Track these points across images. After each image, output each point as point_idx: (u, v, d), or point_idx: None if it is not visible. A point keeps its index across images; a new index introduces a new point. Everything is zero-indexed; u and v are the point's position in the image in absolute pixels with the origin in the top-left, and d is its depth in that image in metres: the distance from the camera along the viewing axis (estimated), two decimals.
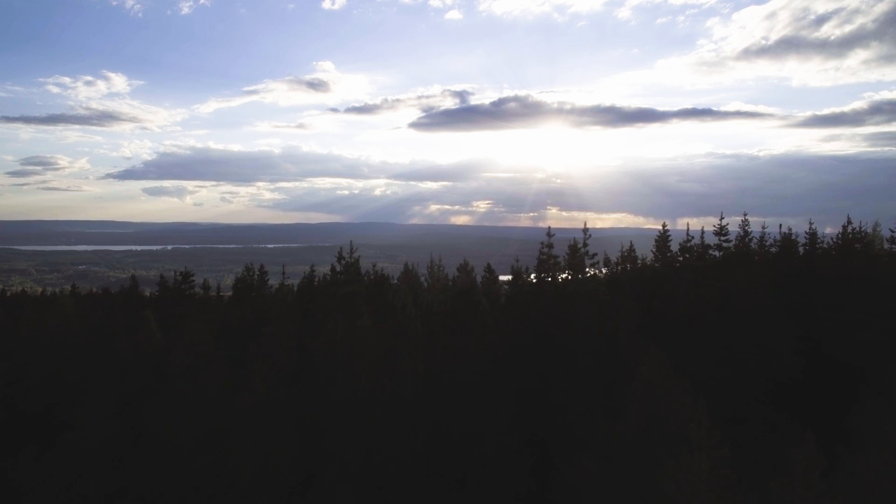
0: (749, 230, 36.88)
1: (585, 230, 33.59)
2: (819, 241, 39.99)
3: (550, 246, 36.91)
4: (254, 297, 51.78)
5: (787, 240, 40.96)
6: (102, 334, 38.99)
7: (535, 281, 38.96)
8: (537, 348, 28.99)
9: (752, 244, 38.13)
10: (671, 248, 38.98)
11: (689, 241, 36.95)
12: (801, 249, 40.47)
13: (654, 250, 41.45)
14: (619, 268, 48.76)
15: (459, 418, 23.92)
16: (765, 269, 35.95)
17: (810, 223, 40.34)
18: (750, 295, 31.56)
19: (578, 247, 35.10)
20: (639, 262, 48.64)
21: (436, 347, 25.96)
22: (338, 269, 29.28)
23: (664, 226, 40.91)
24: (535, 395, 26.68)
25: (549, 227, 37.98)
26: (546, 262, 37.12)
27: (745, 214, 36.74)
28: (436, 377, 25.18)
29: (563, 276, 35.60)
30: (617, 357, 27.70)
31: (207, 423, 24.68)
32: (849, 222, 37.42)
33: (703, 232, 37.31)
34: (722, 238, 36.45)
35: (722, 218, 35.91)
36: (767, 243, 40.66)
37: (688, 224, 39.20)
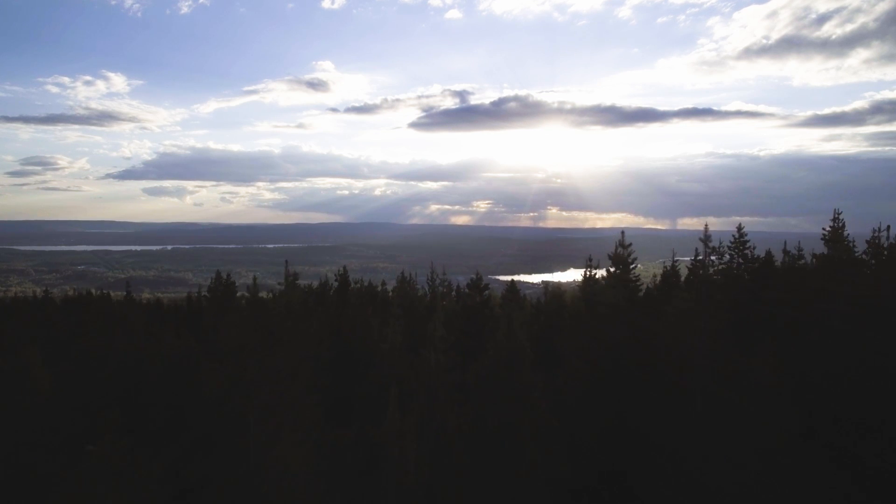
0: (847, 233, 28.98)
1: (706, 235, 20.83)
2: None
3: (626, 262, 24.06)
4: (197, 322, 40.40)
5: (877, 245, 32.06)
6: None
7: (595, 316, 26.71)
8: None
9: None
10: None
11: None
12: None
13: (713, 256, 32.64)
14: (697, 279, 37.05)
15: None
16: None
17: None
18: None
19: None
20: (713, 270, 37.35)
21: (441, 480, 12.96)
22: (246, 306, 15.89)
23: (740, 227, 32.40)
24: None
25: (623, 231, 26.11)
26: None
27: (837, 212, 28.26)
28: None
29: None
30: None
31: None
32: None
33: (825, 234, 28.25)
34: (834, 244, 27.31)
35: (837, 216, 27.91)
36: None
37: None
